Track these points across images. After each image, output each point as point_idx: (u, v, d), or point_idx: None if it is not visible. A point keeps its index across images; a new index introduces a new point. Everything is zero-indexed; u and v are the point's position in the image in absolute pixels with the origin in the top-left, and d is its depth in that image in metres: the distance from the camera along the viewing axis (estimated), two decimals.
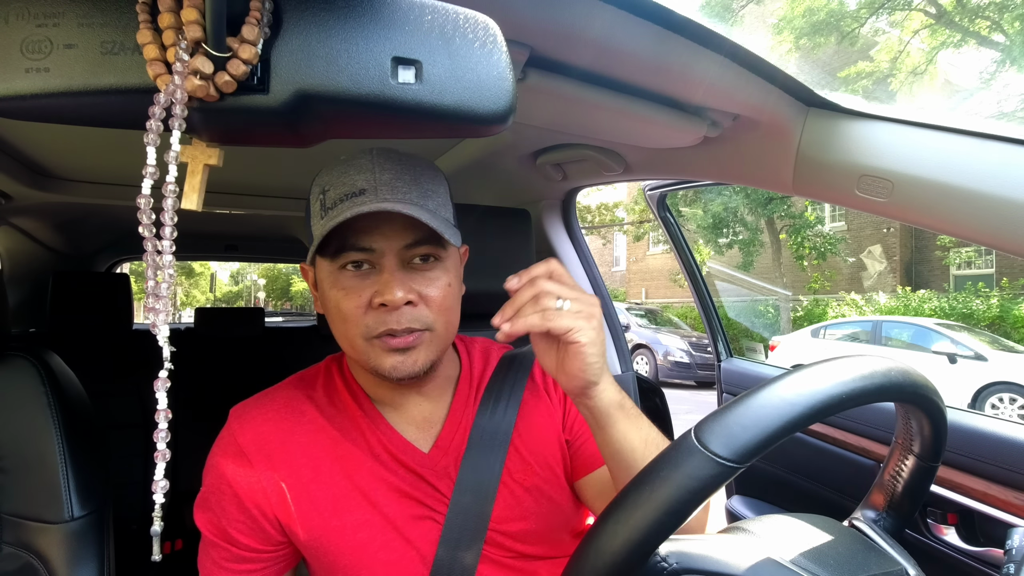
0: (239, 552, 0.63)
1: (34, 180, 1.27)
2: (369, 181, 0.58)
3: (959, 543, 0.95)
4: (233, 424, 0.66)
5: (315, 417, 0.66)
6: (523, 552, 0.67)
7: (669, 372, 8.87)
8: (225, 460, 0.64)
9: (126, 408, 1.90)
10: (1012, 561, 0.45)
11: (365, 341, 0.60)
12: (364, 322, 0.59)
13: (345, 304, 0.60)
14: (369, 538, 0.62)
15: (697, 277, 1.66)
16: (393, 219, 0.58)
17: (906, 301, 10.13)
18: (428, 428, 0.69)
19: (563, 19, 0.59)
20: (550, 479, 0.70)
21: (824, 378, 0.42)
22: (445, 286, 0.62)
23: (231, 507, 0.63)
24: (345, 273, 0.60)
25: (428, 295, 0.61)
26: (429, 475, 0.65)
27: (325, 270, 0.62)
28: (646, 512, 0.38)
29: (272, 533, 0.63)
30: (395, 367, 0.60)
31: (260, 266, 21.07)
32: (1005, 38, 10.62)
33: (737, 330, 10.79)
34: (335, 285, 0.61)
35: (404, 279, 0.59)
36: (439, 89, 0.41)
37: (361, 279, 0.60)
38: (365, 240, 0.59)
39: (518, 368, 0.75)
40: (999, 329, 8.80)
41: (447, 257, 0.63)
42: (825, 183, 0.78)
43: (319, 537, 0.62)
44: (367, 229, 0.59)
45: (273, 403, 0.67)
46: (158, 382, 0.41)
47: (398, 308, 0.59)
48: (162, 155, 0.38)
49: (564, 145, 1.11)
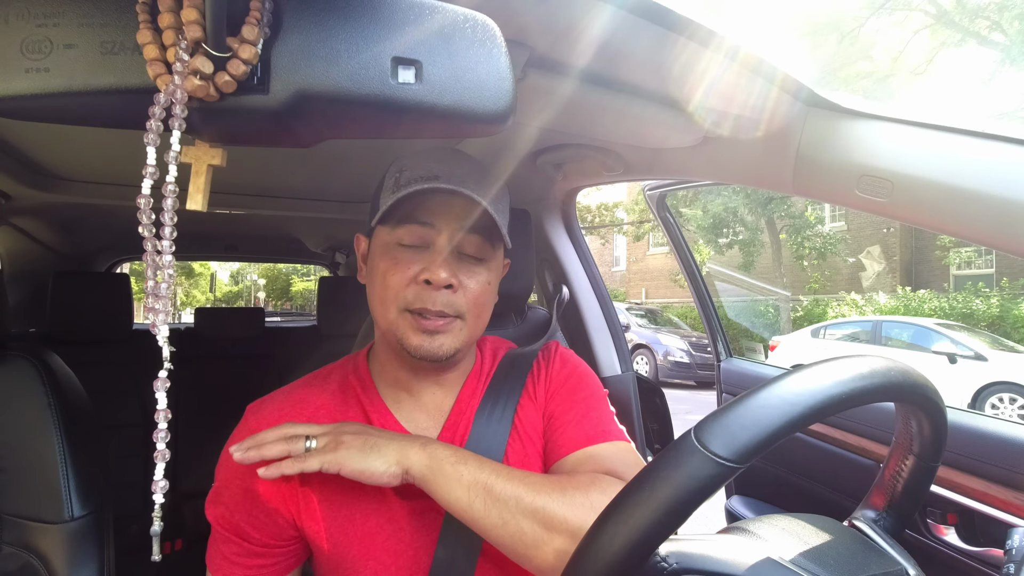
0: (251, 547, 0.64)
1: (34, 180, 1.27)
2: (444, 171, 0.63)
3: (959, 543, 0.95)
4: (250, 420, 0.67)
5: (328, 415, 0.68)
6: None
7: (669, 372, 8.87)
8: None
9: (126, 408, 1.90)
10: (1012, 561, 0.45)
11: (399, 313, 0.63)
12: (404, 294, 0.63)
13: (391, 275, 0.63)
14: (377, 527, 0.64)
15: (697, 277, 1.66)
16: (456, 206, 0.64)
17: (906, 301, 10.13)
18: (438, 417, 0.71)
19: (563, 19, 0.60)
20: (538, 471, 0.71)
21: (824, 378, 0.42)
22: (485, 283, 0.67)
23: (246, 501, 0.64)
24: (400, 247, 0.64)
25: (468, 285, 0.65)
26: None
27: (381, 239, 0.66)
28: (646, 512, 0.38)
29: (286, 528, 0.65)
30: (420, 346, 0.63)
31: (260, 266, 21.08)
32: (1005, 38, 10.62)
33: (737, 330, 10.79)
34: (387, 255, 0.65)
35: (451, 263, 0.63)
36: (439, 89, 0.41)
37: (413, 253, 0.64)
38: (427, 216, 0.64)
39: (520, 367, 0.77)
40: (999, 329, 8.80)
41: (492, 259, 0.68)
42: (825, 183, 0.78)
43: (330, 527, 0.64)
44: (432, 209, 0.64)
45: (289, 400, 0.69)
46: (158, 382, 0.41)
47: (439, 289, 0.62)
48: (162, 155, 0.39)
49: (564, 145, 1.11)
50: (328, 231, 2.31)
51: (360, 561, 0.64)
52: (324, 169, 1.32)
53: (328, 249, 2.70)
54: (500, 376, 0.75)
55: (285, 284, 23.33)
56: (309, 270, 15.09)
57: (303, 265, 7.40)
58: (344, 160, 1.24)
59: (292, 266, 16.91)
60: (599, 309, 1.45)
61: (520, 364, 0.77)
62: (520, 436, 0.71)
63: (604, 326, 1.44)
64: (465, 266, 0.65)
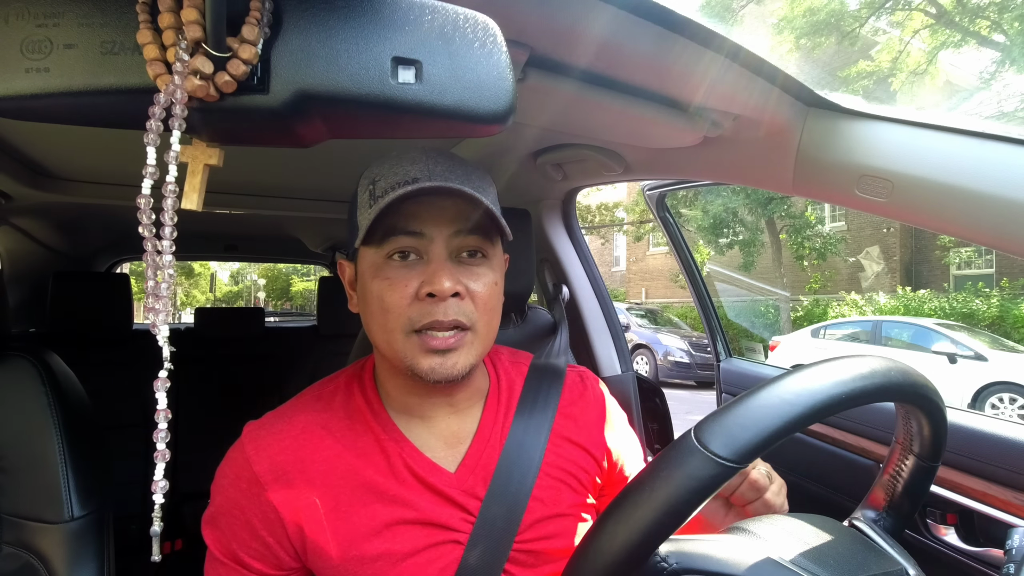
0: (249, 574, 0.62)
1: (34, 180, 1.27)
2: (422, 171, 0.57)
3: (959, 543, 0.95)
4: (247, 447, 0.62)
5: (334, 444, 0.63)
6: (541, 573, 0.65)
7: (669, 372, 8.87)
8: (238, 485, 0.61)
9: (126, 408, 1.90)
10: (1012, 561, 0.45)
11: (405, 336, 0.58)
12: (407, 314, 0.57)
13: (389, 295, 0.57)
14: (388, 567, 0.60)
15: (696, 277, 1.66)
16: (444, 207, 0.58)
17: (906, 301, 10.13)
18: (456, 445, 0.66)
19: (563, 19, 0.59)
20: (575, 501, 0.68)
21: (824, 378, 0.42)
22: (491, 284, 0.61)
23: (243, 532, 0.61)
24: (391, 263, 0.58)
25: (474, 290, 0.59)
26: (457, 495, 0.63)
27: (368, 260, 0.60)
28: (646, 512, 0.38)
29: (285, 559, 0.61)
30: (433, 369, 0.58)
31: (260, 266, 21.06)
32: (1005, 38, 10.62)
33: (737, 330, 10.79)
34: (379, 275, 0.58)
35: (452, 270, 0.58)
36: (439, 89, 0.41)
37: (408, 269, 0.58)
38: (415, 224, 0.58)
39: (551, 380, 0.73)
40: (999, 329, 8.80)
41: (493, 255, 0.63)
42: (825, 183, 0.78)
43: (337, 566, 0.60)
44: (418, 215, 0.58)
45: (290, 428, 0.63)
46: (158, 382, 0.41)
47: (445, 299, 0.57)
48: (162, 155, 0.38)
49: (564, 145, 1.11)
50: (328, 231, 2.31)
51: None
52: (324, 169, 1.32)
53: (328, 249, 2.70)
54: (531, 389, 0.71)
55: (285, 284, 23.32)
56: (309, 270, 15.08)
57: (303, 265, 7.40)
58: (344, 160, 1.24)
59: (292, 266, 16.90)
60: (599, 309, 1.45)
61: (553, 375, 0.74)
62: (552, 472, 0.67)
63: (604, 326, 1.44)
64: (467, 269, 0.60)
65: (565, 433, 0.70)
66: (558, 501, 0.67)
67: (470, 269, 0.60)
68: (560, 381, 0.74)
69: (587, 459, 0.71)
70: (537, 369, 0.75)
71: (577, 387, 0.75)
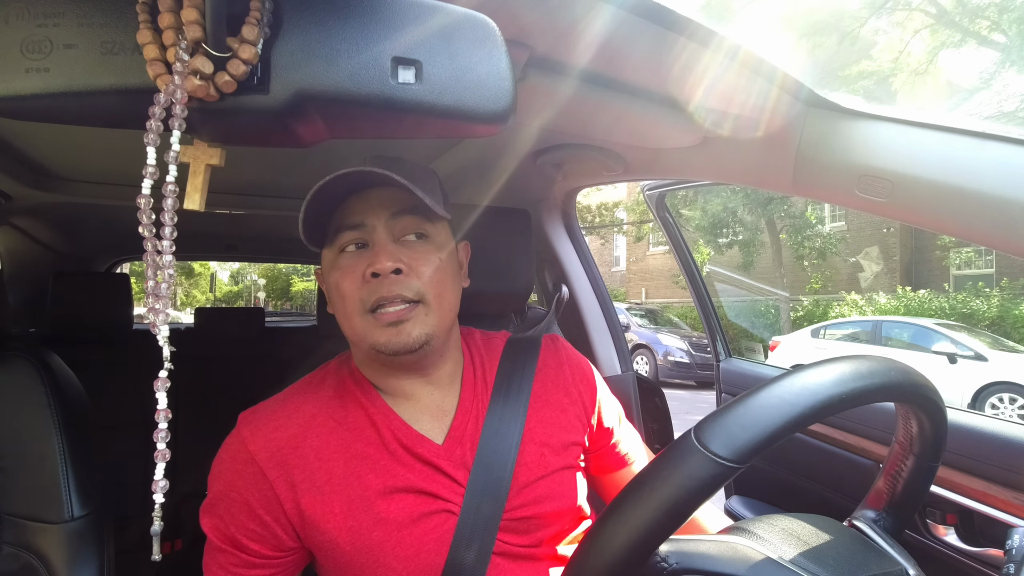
0: (248, 558, 0.63)
1: (34, 180, 1.27)
2: (343, 169, 0.62)
3: (959, 543, 0.95)
4: (243, 431, 0.65)
5: (326, 420, 0.66)
6: (535, 539, 0.68)
7: (669, 372, 8.87)
8: (235, 467, 0.63)
9: (126, 408, 1.90)
10: (1012, 561, 0.45)
11: (361, 317, 0.63)
12: (359, 295, 0.63)
13: (343, 282, 0.64)
14: (385, 536, 0.62)
15: (696, 278, 1.66)
16: (378, 197, 0.65)
17: (906, 301, 10.13)
18: (442, 417, 0.69)
19: (563, 19, 0.59)
20: (562, 464, 0.71)
21: (824, 378, 0.42)
22: (435, 260, 0.66)
23: (241, 515, 0.62)
24: (343, 255, 0.65)
25: (417, 267, 0.64)
26: (446, 466, 0.65)
27: (328, 259, 0.67)
28: (646, 512, 0.38)
29: (284, 539, 0.63)
30: (389, 340, 0.62)
31: (260, 266, 21.06)
32: (1005, 38, 10.61)
33: (737, 330, 10.79)
34: (334, 267, 0.65)
35: (394, 250, 0.63)
36: (439, 89, 0.41)
37: (357, 257, 0.65)
38: (355, 217, 0.65)
39: (527, 351, 0.77)
40: (999, 329, 8.80)
41: (436, 235, 0.68)
42: (825, 183, 0.78)
43: (335, 539, 0.62)
44: (355, 209, 0.65)
45: (284, 409, 0.67)
46: (158, 382, 0.41)
47: (387, 276, 0.62)
48: (162, 155, 0.39)
49: (564, 145, 1.11)
50: None
51: (368, 569, 0.62)
52: (324, 169, 1.31)
53: None
54: (508, 361, 0.75)
55: (285, 284, 23.32)
56: (309, 270, 15.08)
57: (303, 265, 7.41)
58: (344, 160, 1.23)
59: (292, 266, 16.90)
60: (599, 309, 1.45)
61: (528, 347, 0.77)
62: (534, 437, 0.70)
63: (604, 326, 1.44)
64: (409, 248, 0.65)
65: (544, 396, 0.74)
66: (544, 464, 0.69)
67: (413, 248, 0.66)
68: (536, 350, 0.78)
69: (566, 418, 0.74)
70: (514, 343, 0.79)
71: (551, 353, 0.79)
